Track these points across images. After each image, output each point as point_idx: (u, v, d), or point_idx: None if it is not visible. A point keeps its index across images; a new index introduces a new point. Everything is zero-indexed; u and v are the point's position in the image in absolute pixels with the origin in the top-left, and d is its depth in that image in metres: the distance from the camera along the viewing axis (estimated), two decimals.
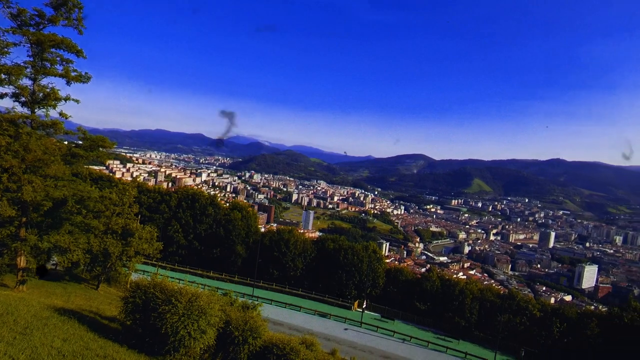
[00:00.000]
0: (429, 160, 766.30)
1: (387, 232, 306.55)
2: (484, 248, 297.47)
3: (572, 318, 53.81)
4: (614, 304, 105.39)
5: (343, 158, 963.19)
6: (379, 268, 64.76)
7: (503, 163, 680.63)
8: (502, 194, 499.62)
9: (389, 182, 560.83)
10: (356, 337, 48.85)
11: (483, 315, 56.89)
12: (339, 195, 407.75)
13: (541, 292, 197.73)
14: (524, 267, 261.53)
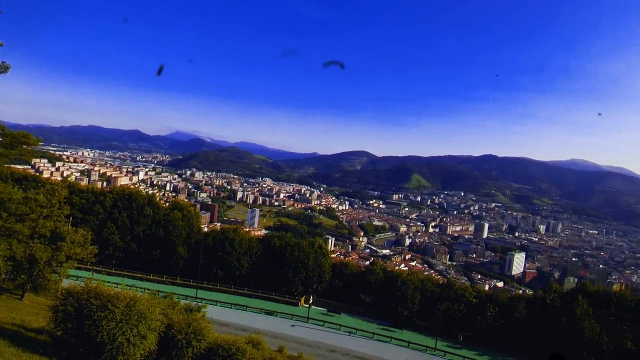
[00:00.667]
0: (372, 157, 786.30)
1: (332, 228, 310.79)
2: (423, 240, 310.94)
3: (504, 302, 57.93)
4: (538, 288, 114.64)
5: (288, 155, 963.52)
6: (325, 263, 65.56)
7: (440, 159, 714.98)
8: (439, 188, 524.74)
9: (334, 179, 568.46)
10: (303, 333, 49.20)
11: (424, 304, 59.56)
12: (285, 192, 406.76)
13: (477, 280, 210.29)
14: (460, 257, 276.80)
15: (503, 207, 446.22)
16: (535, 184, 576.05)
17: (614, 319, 50.67)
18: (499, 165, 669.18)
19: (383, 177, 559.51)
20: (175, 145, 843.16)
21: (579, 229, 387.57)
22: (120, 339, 12.88)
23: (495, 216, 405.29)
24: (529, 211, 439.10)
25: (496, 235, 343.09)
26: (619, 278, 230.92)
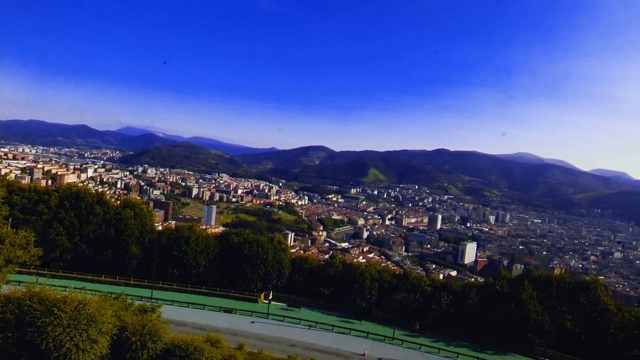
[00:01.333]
0: (330, 152, 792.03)
1: (292, 223, 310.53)
2: (380, 232, 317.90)
3: (457, 291, 60.41)
4: (489, 275, 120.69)
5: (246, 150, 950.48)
6: (284, 258, 65.42)
7: (396, 153, 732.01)
8: (395, 182, 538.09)
9: (292, 174, 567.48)
10: (263, 329, 48.99)
11: (382, 295, 60.91)
12: (242, 188, 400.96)
13: (431, 269, 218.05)
14: (416, 248, 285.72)
15: (455, 199, 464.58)
16: (485, 176, 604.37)
17: (555, 301, 54.26)
18: (451, 159, 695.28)
19: (341, 172, 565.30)
20: (126, 141, 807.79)
21: (525, 219, 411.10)
22: (67, 345, 12.22)
23: (448, 208, 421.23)
24: (480, 202, 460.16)
25: (449, 226, 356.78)
26: (559, 263, 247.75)
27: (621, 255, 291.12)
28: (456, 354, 48.49)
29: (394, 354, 46.66)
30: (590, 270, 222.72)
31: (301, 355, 41.40)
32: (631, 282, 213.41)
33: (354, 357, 43.67)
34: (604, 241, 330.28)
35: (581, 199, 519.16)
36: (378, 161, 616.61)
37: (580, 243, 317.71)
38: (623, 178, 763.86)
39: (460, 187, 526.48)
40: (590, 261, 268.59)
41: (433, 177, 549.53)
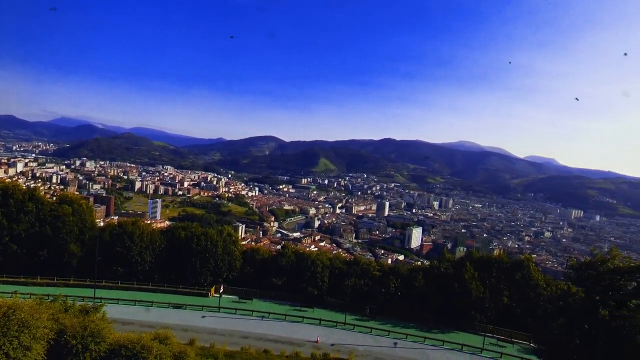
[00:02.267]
0: (280, 142, 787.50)
1: (242, 215, 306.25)
2: (331, 221, 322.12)
3: (404, 274, 62.75)
4: (434, 258, 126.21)
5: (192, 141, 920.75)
6: (235, 251, 64.52)
7: (345, 143, 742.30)
8: (345, 171, 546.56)
9: (242, 164, 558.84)
10: (215, 323, 48.28)
11: (333, 281, 61.96)
12: (189, 181, 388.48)
13: (380, 255, 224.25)
14: (365, 235, 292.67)
15: (401, 186, 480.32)
16: (428, 164, 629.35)
17: (494, 280, 58.06)
18: (397, 148, 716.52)
19: (292, 162, 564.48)
20: (61, 133, 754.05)
21: (466, 204, 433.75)
22: None
23: (394, 195, 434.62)
24: (424, 189, 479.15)
25: (396, 213, 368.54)
26: (498, 244, 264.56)
27: (550, 234, 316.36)
28: (405, 335, 50.53)
29: (345, 338, 47.79)
30: (525, 250, 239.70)
31: (254, 346, 41.33)
32: (559, 258, 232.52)
33: (307, 345, 44.20)
34: (536, 222, 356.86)
35: (517, 184, 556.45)
36: (328, 151, 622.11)
37: (516, 225, 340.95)
38: (552, 164, 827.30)
39: (406, 175, 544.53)
40: (525, 241, 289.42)
41: (380, 165, 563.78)
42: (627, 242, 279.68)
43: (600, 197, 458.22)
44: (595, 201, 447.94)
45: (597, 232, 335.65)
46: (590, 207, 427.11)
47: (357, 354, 42.02)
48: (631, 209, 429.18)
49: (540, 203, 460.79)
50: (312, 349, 42.58)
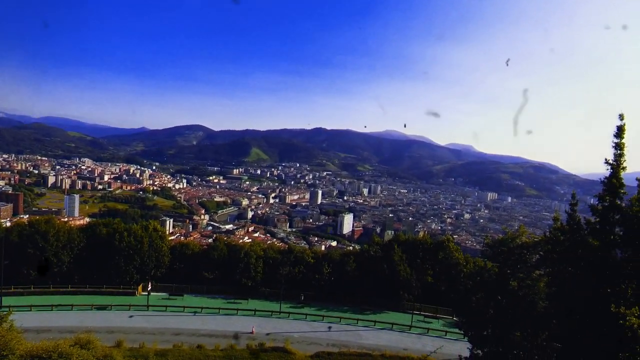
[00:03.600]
0: (209, 131, 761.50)
1: (170, 208, 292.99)
2: (265, 211, 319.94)
3: (337, 259, 64.48)
4: (364, 242, 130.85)
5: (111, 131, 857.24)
6: (163, 246, 61.83)
7: (277, 132, 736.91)
8: (277, 161, 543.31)
9: (168, 155, 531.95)
10: (144, 322, 46.20)
11: (267, 271, 61.95)
12: (110, 174, 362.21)
13: (314, 242, 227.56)
14: (299, 223, 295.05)
15: (333, 174, 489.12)
16: (358, 153, 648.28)
17: (420, 261, 61.79)
18: (328, 137, 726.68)
19: (222, 152, 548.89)
20: None
21: (393, 190, 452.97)
22: None
23: (327, 183, 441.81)
24: (354, 177, 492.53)
25: (329, 201, 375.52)
26: (423, 227, 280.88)
27: (469, 216, 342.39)
28: (339, 318, 52.17)
29: (281, 327, 48.23)
30: (447, 231, 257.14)
31: (187, 342, 40.19)
32: (477, 237, 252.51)
33: (242, 336, 43.89)
34: (456, 205, 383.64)
35: (438, 170, 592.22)
36: (260, 140, 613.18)
37: (438, 208, 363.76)
38: (470, 151, 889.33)
39: (337, 164, 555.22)
40: (447, 223, 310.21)
41: (313, 154, 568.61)
42: (532, 220, 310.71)
43: (511, 181, 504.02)
44: (507, 184, 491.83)
45: (509, 212, 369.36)
46: (503, 189, 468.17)
47: (293, 341, 42.58)
48: (536, 190, 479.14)
49: (460, 187, 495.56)
50: (247, 340, 42.39)
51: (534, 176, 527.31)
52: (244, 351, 39.01)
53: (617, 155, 18.92)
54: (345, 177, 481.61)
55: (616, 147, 18.90)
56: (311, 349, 41.01)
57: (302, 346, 42.10)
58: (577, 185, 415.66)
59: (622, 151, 18.85)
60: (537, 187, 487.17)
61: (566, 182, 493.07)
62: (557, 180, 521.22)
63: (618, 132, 18.68)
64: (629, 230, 18.55)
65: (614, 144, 18.92)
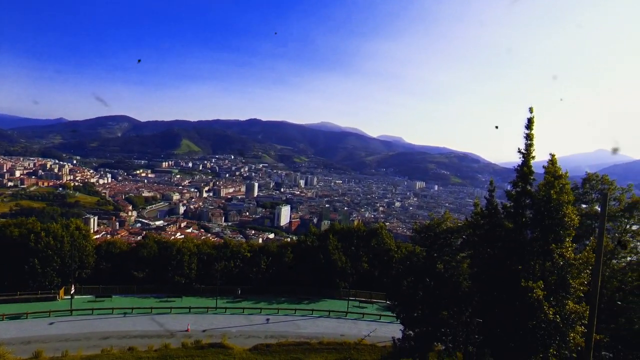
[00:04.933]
0: (135, 122, 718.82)
1: (94, 205, 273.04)
2: (198, 206, 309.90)
3: (274, 252, 64.41)
4: (302, 233, 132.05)
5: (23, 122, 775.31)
6: (87, 246, 57.59)
7: (209, 123, 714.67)
8: (210, 153, 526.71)
9: (90, 149, 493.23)
10: (67, 328, 43.00)
11: (202, 268, 60.30)
12: (22, 169, 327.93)
13: (251, 235, 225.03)
14: (235, 217, 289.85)
15: (269, 167, 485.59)
16: (294, 144, 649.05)
17: (354, 248, 63.74)
18: (264, 129, 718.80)
19: (150, 144, 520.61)
20: None
21: (329, 180, 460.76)
22: None
23: (263, 176, 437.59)
24: (291, 169, 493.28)
25: (265, 193, 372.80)
26: (357, 215, 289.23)
27: (400, 204, 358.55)
28: (277, 310, 52.44)
29: (218, 323, 47.41)
30: (380, 219, 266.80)
31: (117, 345, 38.20)
32: (407, 224, 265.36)
33: (177, 335, 42.58)
34: (388, 194, 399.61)
35: (371, 161, 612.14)
36: (191, 132, 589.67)
37: (372, 197, 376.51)
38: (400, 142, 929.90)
39: (274, 156, 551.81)
40: (379, 211, 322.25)
41: (248, 146, 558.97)
42: (457, 206, 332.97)
43: (438, 170, 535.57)
44: (434, 173, 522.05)
45: (435, 199, 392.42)
46: (430, 178, 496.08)
47: (230, 336, 42.12)
48: (460, 178, 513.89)
49: (391, 177, 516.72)
50: (182, 338, 41.22)
51: (458, 165, 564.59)
52: (180, 350, 37.87)
53: (527, 145, 20.91)
54: (281, 169, 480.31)
55: (527, 138, 20.87)
56: (249, 343, 40.83)
57: (240, 340, 41.78)
58: (497, 173, 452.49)
59: (532, 141, 20.86)
60: (461, 176, 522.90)
61: (487, 170, 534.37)
62: (479, 168, 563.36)
63: (528, 124, 20.63)
64: (537, 213, 20.64)
65: (524, 135, 20.87)
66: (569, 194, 20.13)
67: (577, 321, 18.65)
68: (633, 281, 26.72)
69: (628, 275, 27.09)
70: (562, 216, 19.46)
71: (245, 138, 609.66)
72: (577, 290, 19.26)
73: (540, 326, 18.56)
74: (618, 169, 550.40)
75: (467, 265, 29.17)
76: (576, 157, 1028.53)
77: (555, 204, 19.55)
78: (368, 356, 38.36)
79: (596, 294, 14.77)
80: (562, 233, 19.59)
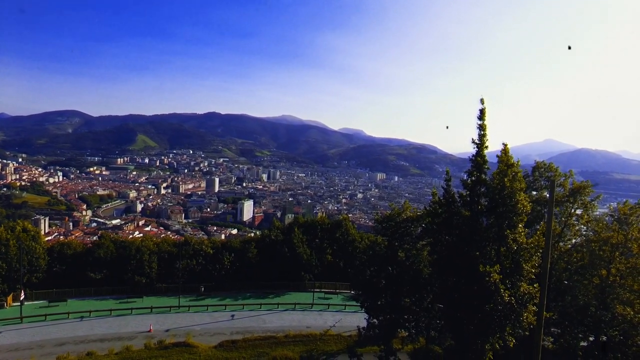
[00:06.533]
0: (86, 117, 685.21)
1: (44, 205, 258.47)
2: (156, 203, 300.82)
3: (237, 247, 63.64)
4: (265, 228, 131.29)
5: None
6: (37, 248, 54.41)
7: (165, 117, 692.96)
8: (167, 148, 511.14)
9: (37, 146, 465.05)
10: (17, 337, 40.66)
11: (163, 266, 58.67)
12: None
13: (213, 232, 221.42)
14: (196, 214, 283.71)
15: (230, 161, 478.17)
16: (255, 138, 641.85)
17: (319, 241, 64.14)
18: (223, 122, 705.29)
19: (103, 140, 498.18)
20: None
21: (292, 174, 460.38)
22: None
23: (224, 170, 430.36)
24: (253, 163, 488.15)
25: (227, 188, 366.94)
26: (321, 208, 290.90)
27: (362, 195, 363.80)
28: (242, 306, 51.97)
29: (181, 321, 46.43)
30: (343, 211, 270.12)
31: (74, 351, 36.56)
32: (369, 215, 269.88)
33: (139, 336, 41.29)
34: (350, 186, 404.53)
35: (333, 154, 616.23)
36: (146, 126, 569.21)
37: (334, 190, 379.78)
38: (361, 135, 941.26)
39: (235, 150, 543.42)
40: (342, 203, 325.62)
41: (207, 141, 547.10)
42: (416, 196, 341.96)
43: (397, 161, 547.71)
44: (394, 165, 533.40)
45: (396, 190, 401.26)
46: (390, 170, 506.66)
47: (195, 334, 41.40)
48: (418, 169, 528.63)
49: (353, 169, 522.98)
50: (145, 339, 40.04)
51: (416, 157, 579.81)
52: (142, 351, 36.77)
53: (480, 135, 21.73)
54: (243, 163, 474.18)
55: (480, 128, 21.67)
56: (215, 340, 40.27)
57: (205, 338, 41.13)
58: (453, 163, 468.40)
59: (485, 132, 21.69)
60: (420, 167, 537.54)
61: (444, 161, 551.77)
62: (436, 159, 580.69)
63: (480, 115, 21.42)
64: (491, 201, 21.57)
65: (477, 125, 21.66)
66: (521, 182, 21.16)
67: (530, 301, 19.74)
68: (578, 262, 28.67)
69: (573, 256, 29.02)
70: (515, 203, 20.44)
71: (204, 132, 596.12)
72: (529, 273, 20.35)
73: (497, 308, 19.51)
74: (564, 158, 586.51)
75: (427, 253, 30.12)
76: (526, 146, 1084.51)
77: (508, 192, 20.50)
78: (334, 346, 38.88)
79: (546, 275, 15.72)
80: (515, 219, 20.59)
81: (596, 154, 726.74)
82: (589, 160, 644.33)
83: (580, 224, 30.30)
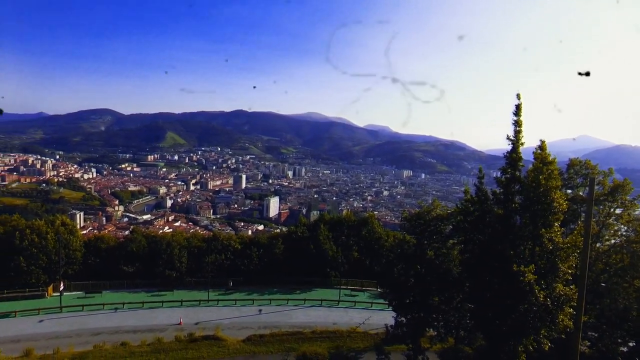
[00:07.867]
0: (118, 116, 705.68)
1: (79, 201, 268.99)
2: (185, 199, 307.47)
3: (265, 243, 64.37)
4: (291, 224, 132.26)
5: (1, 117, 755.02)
6: (74, 242, 56.74)
7: (193, 115, 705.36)
8: (196, 145, 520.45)
9: (73, 143, 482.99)
10: (57, 325, 42.59)
11: (192, 261, 60.02)
12: (3, 165, 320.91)
13: (240, 227, 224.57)
14: (224, 210, 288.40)
15: (256, 158, 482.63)
16: (281, 135, 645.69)
17: (345, 238, 64.07)
18: (249, 120, 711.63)
19: (134, 138, 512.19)
20: None
21: (317, 171, 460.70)
22: None
23: (250, 167, 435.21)
24: (279, 160, 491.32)
25: (253, 185, 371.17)
26: (346, 205, 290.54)
27: (388, 193, 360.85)
28: (269, 301, 52.57)
29: (210, 315, 47.36)
30: (368, 208, 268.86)
31: (109, 341, 37.96)
32: (395, 212, 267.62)
33: (169, 329, 42.44)
34: (376, 183, 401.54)
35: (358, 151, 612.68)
36: (175, 124, 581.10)
37: (360, 187, 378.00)
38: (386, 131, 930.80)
39: (260, 147, 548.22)
40: (368, 200, 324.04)
41: (234, 138, 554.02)
42: (444, 194, 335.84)
43: (424, 158, 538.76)
44: (420, 162, 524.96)
45: (423, 187, 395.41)
46: (417, 167, 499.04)
47: (223, 328, 42.15)
48: (446, 166, 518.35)
49: (378, 166, 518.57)
50: (175, 331, 41.14)
51: (444, 153, 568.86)
52: (173, 343, 37.81)
53: (516, 131, 21.13)
54: (269, 160, 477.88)
55: (515, 124, 21.07)
56: (242, 334, 40.91)
57: (233, 332, 41.84)
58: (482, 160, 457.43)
59: (521, 128, 21.08)
60: (448, 164, 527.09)
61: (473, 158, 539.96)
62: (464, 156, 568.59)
63: (516, 111, 20.81)
64: (526, 199, 20.96)
65: (513, 122, 21.07)
66: (557, 180, 20.48)
67: (566, 303, 19.09)
68: (617, 263, 27.46)
69: (612, 257, 27.83)
70: (551, 201, 19.80)
71: (230, 130, 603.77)
72: (565, 274, 19.69)
73: (531, 309, 18.97)
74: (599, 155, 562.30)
75: (457, 252, 29.59)
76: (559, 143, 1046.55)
77: (544, 190, 19.87)
78: (361, 343, 38.83)
79: (584, 277, 15.14)
80: (550, 218, 19.95)
81: (635, 150, 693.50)
82: (627, 157, 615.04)
83: (620, 224, 29.03)
